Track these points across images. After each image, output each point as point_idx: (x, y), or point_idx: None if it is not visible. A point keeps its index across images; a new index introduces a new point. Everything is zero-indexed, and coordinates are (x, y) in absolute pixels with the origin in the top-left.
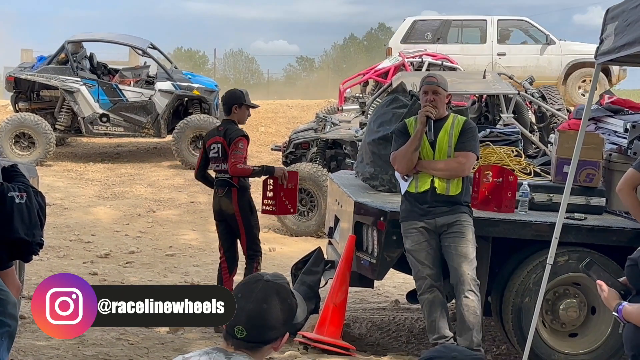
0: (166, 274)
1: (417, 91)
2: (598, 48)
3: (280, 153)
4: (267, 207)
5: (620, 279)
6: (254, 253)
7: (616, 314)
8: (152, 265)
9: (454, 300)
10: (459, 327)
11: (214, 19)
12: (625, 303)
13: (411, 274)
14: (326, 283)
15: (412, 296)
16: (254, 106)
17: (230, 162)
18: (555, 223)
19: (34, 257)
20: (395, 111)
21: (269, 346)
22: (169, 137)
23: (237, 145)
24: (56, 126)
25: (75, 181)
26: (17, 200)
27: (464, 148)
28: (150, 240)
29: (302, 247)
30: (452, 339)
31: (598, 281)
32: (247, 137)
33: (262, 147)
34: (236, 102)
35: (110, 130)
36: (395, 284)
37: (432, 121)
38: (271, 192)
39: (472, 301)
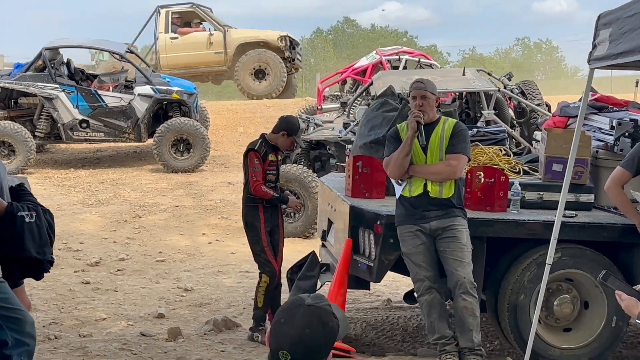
0: (158, 280)
1: (407, 94)
2: (591, 53)
3: None
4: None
5: (636, 288)
6: (259, 267)
7: (639, 322)
8: (143, 272)
9: (450, 301)
10: (458, 329)
11: None
12: None
13: (408, 276)
14: (322, 286)
15: (409, 297)
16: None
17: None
18: (547, 221)
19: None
20: (386, 114)
21: None
22: (150, 141)
23: (252, 161)
24: (36, 133)
25: (57, 188)
26: (27, 220)
27: (455, 150)
28: (139, 247)
29: (291, 248)
30: (452, 339)
31: (617, 291)
32: (256, 151)
33: (241, 148)
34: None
35: (90, 136)
36: (386, 282)
37: (422, 126)
38: (349, 176)
39: (470, 303)
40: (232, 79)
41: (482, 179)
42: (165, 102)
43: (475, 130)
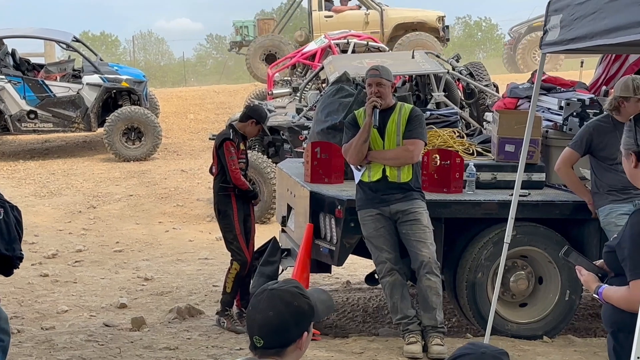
0: (117, 270)
1: (363, 80)
2: (542, 38)
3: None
4: (306, 177)
5: (597, 263)
6: (232, 254)
7: (597, 296)
8: (102, 263)
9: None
10: (422, 308)
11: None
12: (605, 286)
13: (369, 258)
14: (284, 270)
15: (370, 279)
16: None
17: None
18: (502, 200)
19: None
20: (342, 100)
21: (291, 347)
22: (100, 130)
23: (229, 151)
24: None
25: (8, 181)
26: None
27: (411, 136)
28: (95, 237)
29: None
30: (414, 318)
31: (577, 266)
32: (231, 140)
33: (192, 135)
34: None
35: (39, 127)
36: (345, 265)
37: (377, 110)
38: (308, 162)
39: (434, 282)
40: None
41: (438, 162)
42: (114, 91)
43: (428, 113)
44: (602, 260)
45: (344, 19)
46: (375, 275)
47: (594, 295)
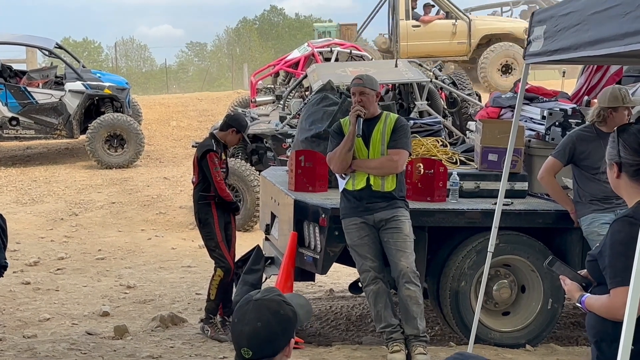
0: (100, 278)
1: (346, 89)
2: (526, 49)
3: None
4: (290, 186)
5: (581, 272)
6: (215, 262)
7: (580, 305)
8: (84, 270)
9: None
10: (403, 317)
11: (96, 6)
12: (587, 295)
13: (353, 266)
14: (267, 278)
15: (353, 287)
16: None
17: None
18: (485, 209)
19: None
20: (326, 109)
21: (279, 355)
22: (82, 137)
23: (213, 162)
24: None
25: None
26: None
27: (396, 146)
28: (77, 245)
29: None
30: (398, 327)
31: (561, 276)
32: (215, 151)
33: (175, 142)
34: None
35: (20, 134)
36: (329, 273)
37: (361, 119)
38: (292, 170)
39: (413, 292)
40: (473, 70)
41: (422, 170)
42: (97, 98)
43: (412, 122)
44: (586, 270)
45: (432, 29)
46: (359, 283)
47: (577, 304)
